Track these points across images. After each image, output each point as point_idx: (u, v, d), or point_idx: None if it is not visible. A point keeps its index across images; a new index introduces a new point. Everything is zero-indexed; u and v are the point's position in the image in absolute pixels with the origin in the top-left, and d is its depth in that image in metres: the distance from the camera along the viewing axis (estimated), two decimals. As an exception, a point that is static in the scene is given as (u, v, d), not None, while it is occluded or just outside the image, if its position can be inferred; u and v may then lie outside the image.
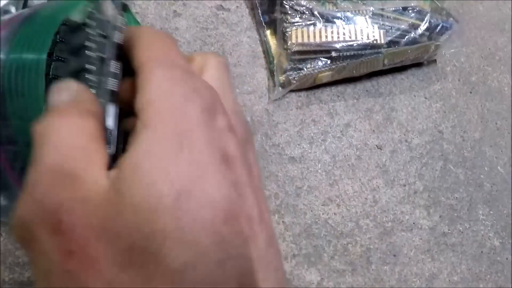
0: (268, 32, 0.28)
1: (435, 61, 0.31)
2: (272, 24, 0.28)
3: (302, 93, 0.28)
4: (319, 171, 0.26)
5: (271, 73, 0.27)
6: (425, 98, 0.30)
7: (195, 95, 0.11)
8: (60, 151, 0.11)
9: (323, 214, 0.25)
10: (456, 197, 0.28)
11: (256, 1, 0.28)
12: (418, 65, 0.30)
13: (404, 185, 0.27)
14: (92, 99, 0.13)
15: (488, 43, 0.33)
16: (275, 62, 0.27)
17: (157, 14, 0.27)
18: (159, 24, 0.27)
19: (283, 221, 0.25)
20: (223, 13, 0.28)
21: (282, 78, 0.26)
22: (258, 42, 0.28)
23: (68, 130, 0.11)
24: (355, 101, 0.28)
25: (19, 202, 0.11)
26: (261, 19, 0.28)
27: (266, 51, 0.28)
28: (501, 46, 0.33)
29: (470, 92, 0.31)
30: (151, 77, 0.12)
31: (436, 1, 0.27)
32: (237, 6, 0.29)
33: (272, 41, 0.27)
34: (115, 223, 0.10)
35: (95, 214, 0.10)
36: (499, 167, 0.30)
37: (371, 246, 0.25)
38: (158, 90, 0.11)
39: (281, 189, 0.25)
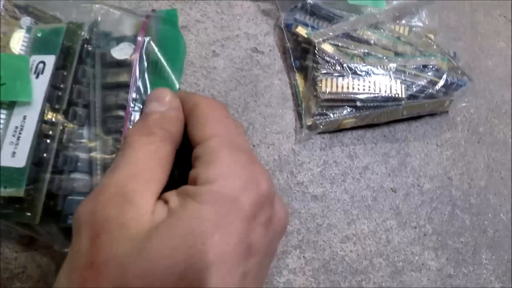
0: (298, 76, 0.30)
1: (447, 111, 0.33)
2: (303, 70, 0.30)
3: (326, 136, 0.30)
4: (338, 210, 0.28)
5: (299, 116, 0.29)
6: (437, 145, 0.32)
7: (253, 186, 0.13)
8: (130, 170, 0.13)
9: (340, 251, 0.27)
10: (462, 241, 0.30)
11: (289, 47, 0.30)
12: (431, 114, 0.33)
13: (415, 227, 0.29)
14: (177, 117, 0.14)
15: (496, 96, 0.36)
16: (303, 105, 0.29)
17: (197, 53, 0.30)
18: (198, 62, 0.29)
19: (303, 256, 0.27)
20: (257, 55, 0.31)
21: (309, 121, 0.29)
22: (288, 85, 0.30)
23: (145, 151, 0.13)
24: (374, 145, 0.31)
25: (86, 198, 0.13)
26: (292, 64, 0.30)
27: (295, 94, 0.30)
28: (507, 100, 0.36)
29: (478, 142, 0.34)
30: (218, 156, 0.13)
31: (452, 61, 0.30)
32: (270, 50, 0.31)
33: (301, 86, 0.30)
34: (141, 256, 0.11)
35: (128, 240, 0.11)
36: (501, 214, 0.32)
37: (383, 284, 0.27)
38: (224, 170, 0.12)
39: (303, 225, 0.27)
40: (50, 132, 0.18)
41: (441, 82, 0.29)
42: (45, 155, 0.17)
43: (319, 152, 0.29)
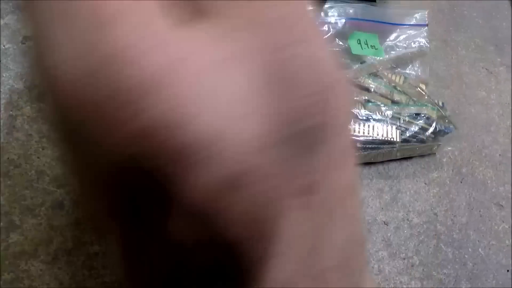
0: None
1: (435, 153, 0.37)
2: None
3: (328, 170, 0.33)
4: (336, 239, 0.31)
5: (304, 151, 0.33)
6: (425, 183, 0.36)
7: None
8: None
9: (337, 277, 0.30)
10: (445, 273, 0.33)
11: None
12: (421, 155, 0.36)
13: (404, 259, 0.32)
14: None
15: (477, 141, 0.40)
16: (309, 142, 0.32)
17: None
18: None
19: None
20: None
21: (314, 157, 0.32)
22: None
23: None
24: (370, 181, 0.34)
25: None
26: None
27: (302, 131, 0.33)
28: (487, 145, 0.40)
29: (461, 182, 0.37)
30: None
31: (441, 110, 0.34)
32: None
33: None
34: None
35: None
36: (480, 249, 0.35)
37: (374, 310, 0.30)
38: None
39: (304, 252, 0.30)
40: None
41: (431, 129, 0.33)
42: None
43: (321, 185, 0.32)
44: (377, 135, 0.31)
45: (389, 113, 0.32)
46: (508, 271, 0.35)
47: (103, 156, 0.07)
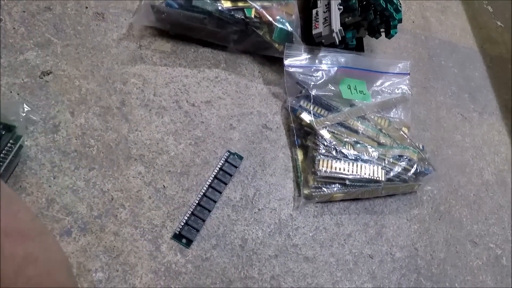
0: (298, 152, 0.36)
1: (416, 192, 0.40)
2: (303, 148, 0.36)
3: (318, 205, 0.35)
4: (325, 271, 0.33)
5: (298, 186, 0.35)
6: (407, 219, 0.39)
7: None
8: None
9: (325, 308, 0.32)
10: (424, 306, 0.35)
11: (293, 127, 0.37)
12: (403, 193, 0.39)
13: (387, 291, 0.34)
14: None
15: (454, 181, 0.44)
16: (302, 178, 0.35)
17: (217, 125, 0.35)
18: (218, 133, 0.35)
19: (295, 312, 0.31)
20: (266, 131, 0.37)
21: (306, 192, 0.34)
22: (290, 158, 0.36)
23: None
24: (356, 215, 0.36)
25: None
26: (295, 141, 0.36)
27: (296, 168, 0.36)
28: (462, 185, 0.44)
29: (439, 219, 0.40)
30: None
31: (421, 153, 0.37)
32: (277, 127, 0.37)
33: (301, 160, 0.36)
34: None
35: None
36: (456, 284, 0.38)
37: None
38: None
39: (296, 284, 0.32)
40: None
41: (412, 170, 0.36)
42: None
43: (312, 219, 0.35)
44: (365, 174, 0.34)
45: (375, 154, 0.35)
46: (482, 305, 0.37)
47: None
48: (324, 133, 0.35)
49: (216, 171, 0.33)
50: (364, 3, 0.39)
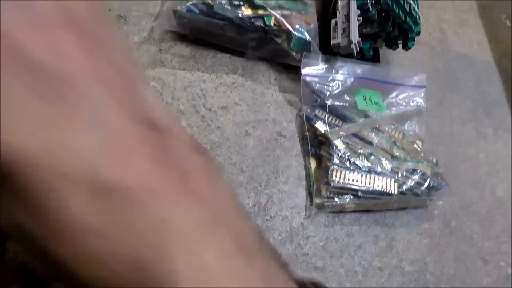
0: (311, 161, 0.36)
1: (427, 206, 0.40)
2: (317, 157, 0.36)
3: (330, 215, 0.35)
4: (334, 282, 0.33)
5: (310, 195, 0.35)
6: (417, 233, 0.38)
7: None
8: None
9: (333, 319, 0.32)
10: (432, 321, 0.35)
11: (307, 136, 0.37)
12: (415, 207, 0.39)
13: (396, 305, 0.34)
14: None
15: (466, 196, 0.43)
16: (314, 187, 0.35)
17: (233, 131, 0.35)
18: (233, 139, 0.35)
19: (302, 321, 0.31)
20: (281, 139, 0.37)
21: (318, 202, 0.34)
22: (303, 167, 0.36)
23: None
24: (367, 227, 0.36)
25: None
26: (309, 150, 0.36)
27: (308, 176, 0.36)
28: (474, 201, 0.44)
29: (450, 234, 0.40)
30: None
31: (435, 168, 0.37)
32: (292, 135, 0.38)
33: (314, 169, 0.36)
34: None
35: None
36: (465, 301, 0.37)
37: None
38: None
39: (304, 293, 0.32)
40: None
41: (425, 184, 0.36)
42: None
43: (323, 228, 0.35)
44: (377, 186, 0.34)
45: (389, 167, 0.35)
46: (490, 324, 0.37)
47: None
48: (339, 143, 0.35)
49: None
50: (383, 14, 0.39)
